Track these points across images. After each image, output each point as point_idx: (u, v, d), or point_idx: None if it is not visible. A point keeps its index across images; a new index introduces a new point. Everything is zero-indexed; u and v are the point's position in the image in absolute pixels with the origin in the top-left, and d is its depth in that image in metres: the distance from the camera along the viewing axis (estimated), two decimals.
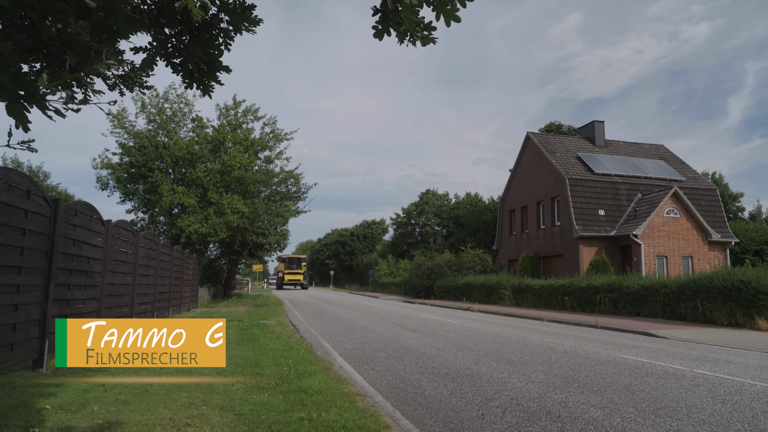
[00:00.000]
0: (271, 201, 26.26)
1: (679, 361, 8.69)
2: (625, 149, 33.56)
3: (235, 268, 31.73)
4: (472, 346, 10.22)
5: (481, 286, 28.63)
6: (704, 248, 26.54)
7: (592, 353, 9.40)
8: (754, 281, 14.38)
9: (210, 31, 3.44)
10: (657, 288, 17.50)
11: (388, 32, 3.10)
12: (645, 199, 27.59)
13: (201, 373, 6.64)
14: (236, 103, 25.98)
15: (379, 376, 7.11)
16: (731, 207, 45.03)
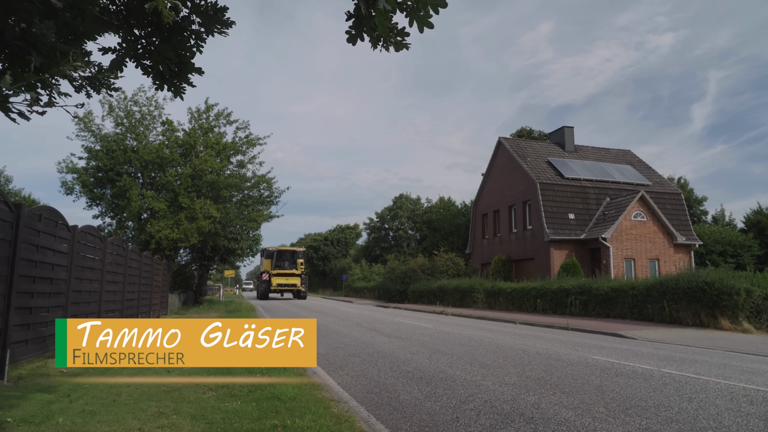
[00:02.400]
0: (244, 206, 25.99)
1: (647, 361, 8.88)
2: (594, 154, 34.29)
3: (206, 273, 31.27)
4: (446, 349, 10.26)
5: (454, 290, 28.81)
6: (670, 251, 27.27)
7: (564, 355, 9.54)
8: (717, 282, 14.83)
9: (181, 32, 3.39)
10: (625, 290, 17.89)
11: (361, 37, 3.11)
12: (613, 203, 28.22)
13: (171, 380, 6.50)
14: (208, 106, 25.65)
15: (354, 381, 7.08)
16: (695, 211, 46.41)
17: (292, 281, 40.74)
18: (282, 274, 40.70)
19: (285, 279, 40.67)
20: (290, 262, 41.82)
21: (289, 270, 41.05)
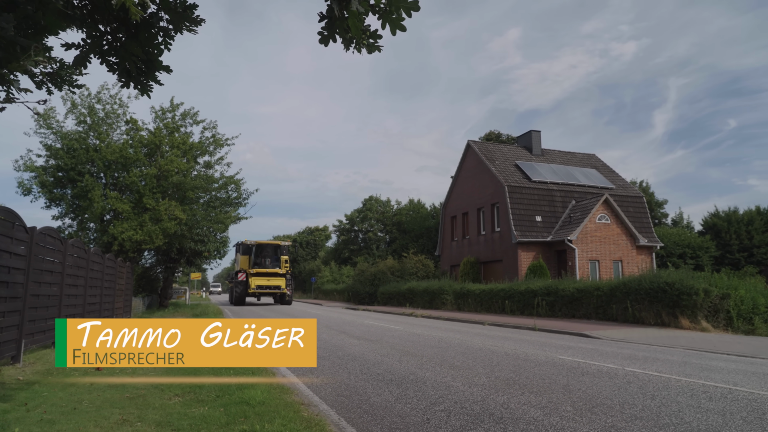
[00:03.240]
0: (211, 207, 25.53)
1: (611, 360, 9.10)
2: (560, 158, 34.99)
3: (171, 276, 30.60)
4: (416, 351, 10.29)
5: (423, 292, 28.94)
6: (633, 252, 28.03)
7: (532, 355, 9.69)
8: (677, 283, 15.31)
9: (149, 29, 3.31)
10: (590, 291, 18.30)
11: (333, 39, 3.09)
12: (579, 206, 28.84)
13: (135, 387, 6.33)
14: (173, 105, 25.12)
15: (324, 384, 7.03)
16: (656, 213, 47.83)
17: (275, 282, 33.61)
18: (262, 274, 33.76)
19: (266, 280, 33.55)
20: (272, 259, 34.91)
21: (271, 269, 34.07)
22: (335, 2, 2.79)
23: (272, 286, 33.67)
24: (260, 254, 35.16)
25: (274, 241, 36.61)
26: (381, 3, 2.93)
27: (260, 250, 35.28)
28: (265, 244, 35.88)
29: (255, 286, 33.20)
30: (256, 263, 34.45)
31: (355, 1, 2.75)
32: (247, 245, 35.11)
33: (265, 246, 35.72)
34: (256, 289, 33.31)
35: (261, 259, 34.86)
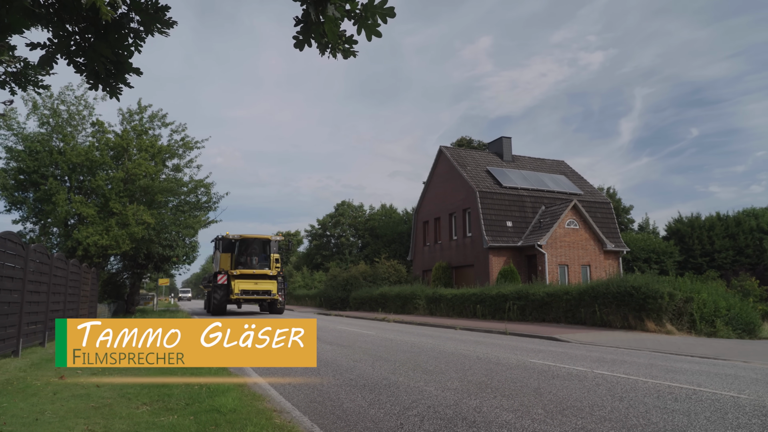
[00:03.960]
0: (180, 211, 25.08)
1: (581, 363, 9.26)
2: (530, 164, 35.57)
3: (139, 282, 29.92)
4: (388, 356, 10.29)
5: (396, 297, 28.97)
6: (600, 257, 28.64)
7: (503, 359, 9.79)
8: (643, 287, 15.69)
9: (119, 30, 3.24)
10: (560, 295, 18.61)
11: (309, 43, 3.08)
12: (548, 212, 29.35)
13: (101, 396, 6.15)
14: (141, 107, 24.64)
15: (296, 391, 6.96)
16: (623, 219, 49.02)
17: (264, 286, 27.22)
18: (248, 276, 27.24)
19: (253, 283, 27.08)
20: (260, 257, 28.37)
21: (259, 269, 27.64)
22: (312, 6, 2.78)
23: (260, 291, 27.10)
24: (245, 251, 28.23)
25: (263, 236, 28.91)
26: (357, 8, 2.94)
27: (245, 246, 28.31)
28: (252, 238, 28.47)
29: (239, 291, 26.55)
30: (240, 262, 27.67)
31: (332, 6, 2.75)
32: (229, 240, 28.13)
33: (252, 241, 28.49)
34: (240, 295, 26.64)
35: (246, 257, 28.05)
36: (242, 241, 28.26)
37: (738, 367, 8.99)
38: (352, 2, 2.90)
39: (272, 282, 27.59)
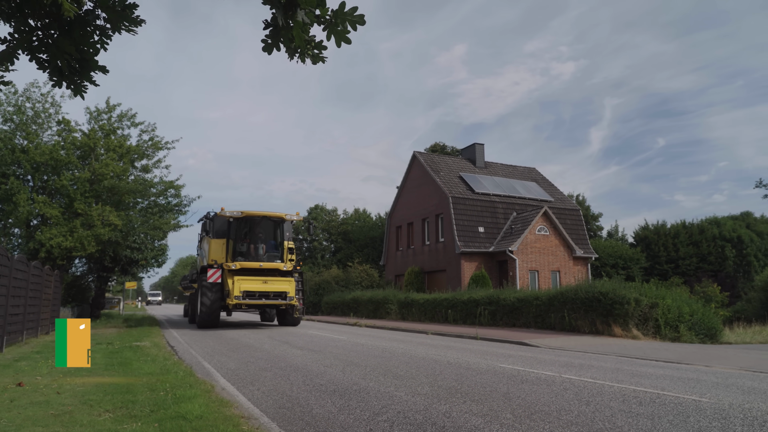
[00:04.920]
0: (149, 213, 24.57)
1: (549, 367, 9.38)
2: (502, 171, 36.02)
3: (104, 285, 29.17)
4: (359, 361, 10.24)
5: (368, 301, 28.93)
6: (570, 263, 29.14)
7: (474, 363, 9.85)
8: (610, 293, 16.02)
9: (84, 27, 3.16)
10: (530, 300, 18.85)
11: (278, 47, 3.05)
12: (519, 218, 29.74)
13: (61, 403, 5.96)
14: (110, 106, 24.11)
15: (265, 397, 6.87)
16: (592, 226, 50.02)
17: (278, 286, 19.33)
18: (253, 272, 19.38)
19: (261, 282, 19.14)
20: (269, 245, 20.44)
21: (269, 262, 19.77)
22: (279, 11, 2.76)
23: (271, 294, 19.14)
24: (249, 236, 20.21)
25: (274, 213, 20.26)
26: (327, 15, 2.93)
27: (249, 229, 20.26)
28: (259, 217, 20.11)
29: (241, 293, 18.52)
30: (240, 252, 19.73)
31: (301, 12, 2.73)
32: (224, 219, 19.92)
33: (258, 221, 20.27)
34: (242, 299, 18.58)
35: (250, 244, 20.12)
36: (244, 220, 19.79)
37: (700, 371, 9.24)
38: (323, 8, 2.89)
39: (287, 281, 19.43)
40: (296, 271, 20.96)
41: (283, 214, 20.28)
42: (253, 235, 20.41)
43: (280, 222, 20.56)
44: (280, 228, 20.73)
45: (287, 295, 19.40)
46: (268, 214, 20.16)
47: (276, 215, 20.19)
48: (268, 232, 20.72)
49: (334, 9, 3.01)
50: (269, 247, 20.48)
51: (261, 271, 19.54)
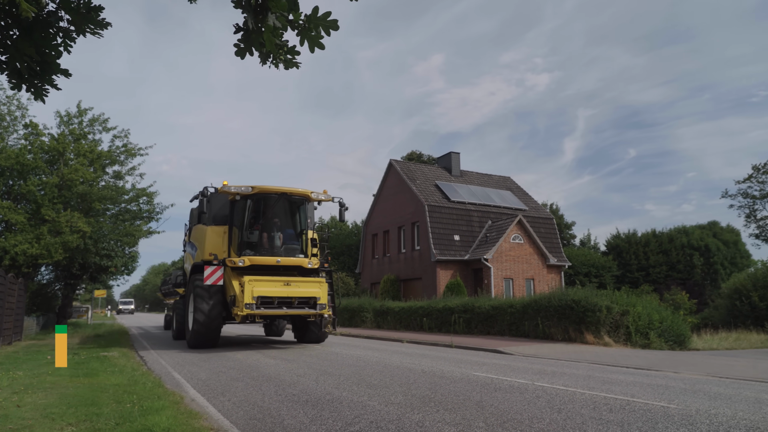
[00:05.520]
0: (120, 220, 24.05)
1: (522, 375, 9.43)
2: (477, 179, 36.34)
3: (72, 294, 28.41)
4: (333, 370, 10.14)
5: (343, 310, 28.76)
6: (543, 271, 29.47)
7: (448, 372, 9.84)
8: (583, 300, 16.23)
9: (46, 29, 3.06)
10: (504, 308, 18.97)
11: (250, 52, 3.01)
12: (494, 226, 30.00)
13: (20, 417, 5.74)
14: (81, 110, 23.59)
15: (236, 408, 6.73)
16: (565, 234, 50.78)
17: (304, 289, 14.43)
18: (269, 270, 14.81)
19: (282, 284, 14.14)
20: (287, 235, 15.53)
21: (287, 256, 14.96)
22: (250, 15, 2.72)
23: (296, 300, 14.31)
24: (261, 220, 15.16)
25: (296, 190, 15.32)
26: (300, 19, 2.90)
27: (262, 211, 15.22)
28: (276, 194, 15.17)
29: (254, 299, 13.59)
30: (249, 243, 14.79)
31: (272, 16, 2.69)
32: (226, 198, 15.67)
33: (275, 201, 15.33)
34: (256, 308, 13.63)
35: (262, 233, 15.08)
36: (255, 199, 14.91)
37: (669, 378, 9.40)
38: (295, 13, 2.86)
39: (317, 282, 14.64)
40: (324, 269, 15.94)
41: (307, 190, 15.35)
42: (266, 220, 15.12)
43: (302, 202, 15.62)
44: (301, 211, 15.75)
45: (317, 302, 14.40)
46: (288, 191, 15.08)
47: (299, 192, 15.21)
48: (285, 217, 15.58)
49: (307, 14, 2.98)
50: (287, 237, 15.31)
51: (277, 269, 14.75)
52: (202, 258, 15.11)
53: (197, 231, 16.59)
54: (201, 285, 14.11)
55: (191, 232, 17.86)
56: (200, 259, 15.16)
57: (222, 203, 15.91)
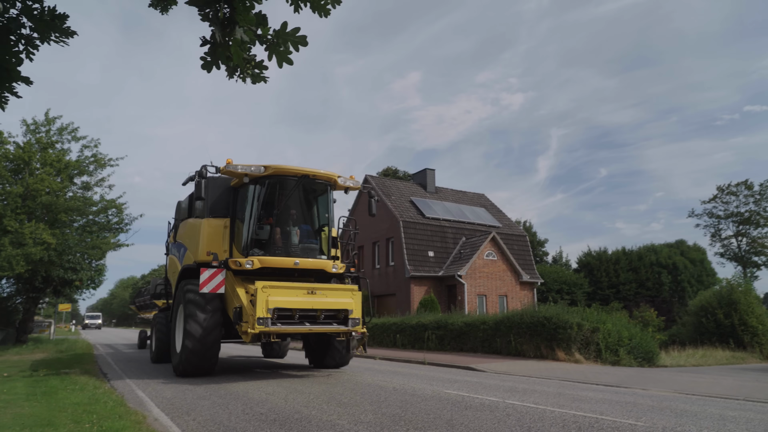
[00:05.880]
0: (87, 232, 23.42)
1: (494, 393, 9.42)
2: (452, 196, 36.62)
3: (34, 308, 27.39)
4: (303, 388, 9.97)
5: None
6: (517, 288, 29.72)
7: (419, 390, 9.77)
8: (554, 317, 16.37)
9: (6, 35, 2.97)
10: (477, 325, 19.02)
11: (217, 65, 2.97)
12: (468, 243, 30.20)
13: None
14: (49, 119, 23.06)
15: (200, 427, 6.54)
16: (538, 251, 51.41)
17: (332, 299, 11.13)
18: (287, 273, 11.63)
19: (304, 293, 10.78)
20: (304, 231, 12.14)
21: (305, 257, 11.64)
22: (217, 28, 2.69)
23: (322, 313, 11.09)
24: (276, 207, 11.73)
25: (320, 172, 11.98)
26: (269, 34, 2.88)
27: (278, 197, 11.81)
28: (296, 176, 11.74)
29: (269, 312, 10.26)
30: (259, 241, 11.51)
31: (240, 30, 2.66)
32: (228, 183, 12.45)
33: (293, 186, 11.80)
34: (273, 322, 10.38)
35: (273, 228, 11.66)
36: (269, 183, 11.67)
37: (637, 395, 9.50)
38: (264, 27, 2.84)
39: (347, 291, 11.60)
40: (349, 275, 12.86)
41: (333, 173, 12.14)
42: (282, 210, 11.74)
43: (324, 189, 12.37)
44: (320, 201, 12.60)
45: (349, 316, 11.22)
46: (311, 172, 11.73)
47: (324, 175, 11.95)
48: (301, 208, 12.33)
49: (276, 29, 2.96)
50: (304, 233, 12.12)
51: (291, 273, 11.74)
52: (195, 259, 11.94)
53: (187, 227, 13.34)
54: (195, 293, 10.98)
55: (177, 230, 14.51)
56: (193, 261, 12.07)
57: (222, 189, 12.39)
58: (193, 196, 12.57)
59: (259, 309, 10.18)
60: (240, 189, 12.02)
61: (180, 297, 11.79)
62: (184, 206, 14.14)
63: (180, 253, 13.71)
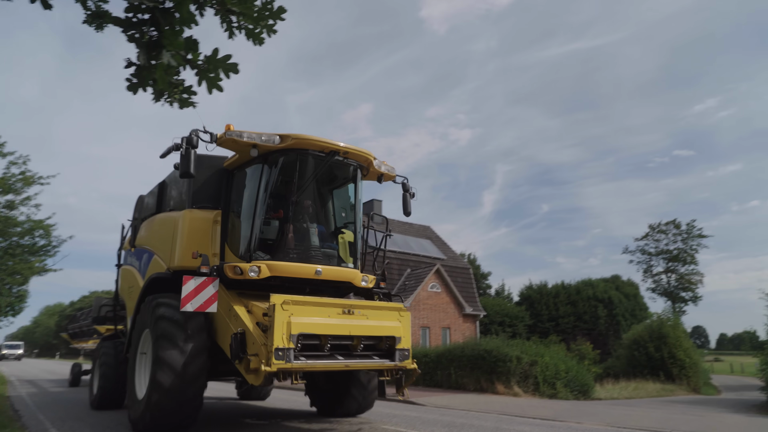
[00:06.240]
0: (9, 255, 21.91)
1: (431, 428, 9.31)
2: (398, 227, 36.80)
3: None
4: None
5: None
6: (459, 320, 29.95)
7: (355, 424, 9.52)
8: (494, 350, 16.55)
9: None
10: (419, 357, 18.92)
11: (143, 87, 2.86)
12: (413, 275, 30.31)
13: None
14: None
15: None
16: (482, 284, 52.27)
17: (377, 323, 7.94)
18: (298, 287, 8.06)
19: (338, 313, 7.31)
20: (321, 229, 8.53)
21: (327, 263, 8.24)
22: (143, 50, 2.59)
23: (362, 341, 7.73)
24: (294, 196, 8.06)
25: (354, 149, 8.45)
26: (199, 60, 2.81)
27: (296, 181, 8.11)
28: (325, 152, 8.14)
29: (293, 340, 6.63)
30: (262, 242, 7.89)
31: (167, 54, 2.58)
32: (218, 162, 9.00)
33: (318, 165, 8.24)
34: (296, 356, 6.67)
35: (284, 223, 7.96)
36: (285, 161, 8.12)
37: (572, 429, 9.63)
38: (194, 53, 2.77)
39: (393, 310, 8.63)
40: (380, 290, 10.03)
41: (370, 152, 8.90)
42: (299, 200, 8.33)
43: (352, 175, 9.07)
44: (343, 192, 9.47)
45: (396, 346, 8.20)
46: (342, 148, 8.36)
47: (360, 153, 8.68)
48: (319, 199, 9.01)
49: (207, 55, 2.89)
50: (321, 233, 8.77)
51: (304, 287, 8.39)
52: (170, 266, 8.55)
53: (156, 225, 9.98)
54: (171, 312, 7.51)
55: (137, 233, 11.12)
56: (166, 268, 8.70)
57: (210, 172, 9.04)
58: (164, 185, 10.00)
59: (277, 336, 6.51)
60: (237, 171, 8.70)
61: (147, 317, 7.96)
62: (149, 200, 10.92)
63: (141, 262, 10.24)
